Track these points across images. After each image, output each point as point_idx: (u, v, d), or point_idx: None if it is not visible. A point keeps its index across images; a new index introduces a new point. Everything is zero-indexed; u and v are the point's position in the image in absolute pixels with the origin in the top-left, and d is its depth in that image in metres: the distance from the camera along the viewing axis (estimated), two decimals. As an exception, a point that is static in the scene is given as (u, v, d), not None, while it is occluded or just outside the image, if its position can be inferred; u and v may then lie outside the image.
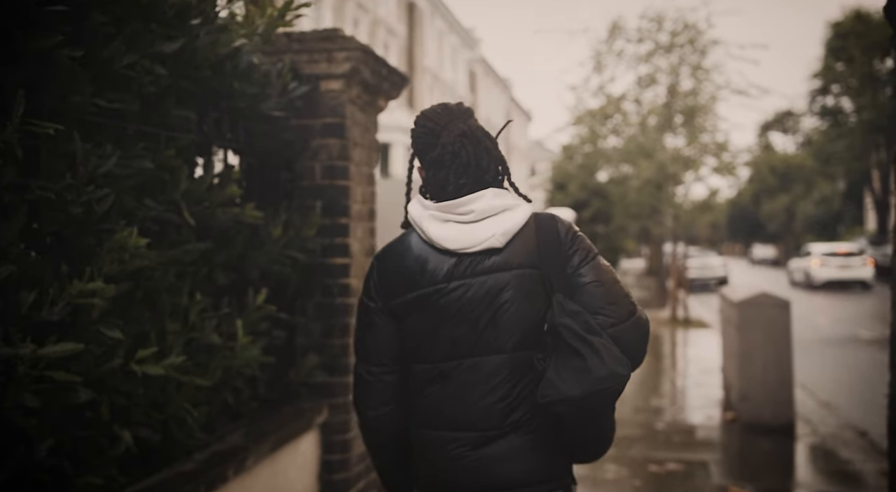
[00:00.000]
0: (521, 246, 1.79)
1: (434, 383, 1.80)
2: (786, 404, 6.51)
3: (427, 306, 1.79)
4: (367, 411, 1.88)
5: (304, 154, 3.54)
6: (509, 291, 1.77)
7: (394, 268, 1.85)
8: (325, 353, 3.50)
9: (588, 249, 1.82)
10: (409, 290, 1.80)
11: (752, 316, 6.58)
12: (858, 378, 9.68)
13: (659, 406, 7.44)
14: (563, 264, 1.80)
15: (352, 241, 3.59)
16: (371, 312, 1.87)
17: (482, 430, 1.77)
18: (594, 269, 1.79)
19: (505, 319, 1.77)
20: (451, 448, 1.78)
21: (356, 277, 3.62)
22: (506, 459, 1.76)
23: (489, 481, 1.77)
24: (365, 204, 3.77)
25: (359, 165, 3.70)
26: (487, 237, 1.76)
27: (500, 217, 1.79)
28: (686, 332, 13.98)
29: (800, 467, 5.49)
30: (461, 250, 1.77)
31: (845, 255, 24.70)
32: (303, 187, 3.55)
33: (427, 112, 1.88)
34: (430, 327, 1.80)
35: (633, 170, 19.83)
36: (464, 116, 1.86)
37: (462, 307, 1.77)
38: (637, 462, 5.48)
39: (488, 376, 1.77)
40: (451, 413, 1.78)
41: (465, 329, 1.77)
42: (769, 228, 62.76)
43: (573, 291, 1.78)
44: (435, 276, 1.78)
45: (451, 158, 1.80)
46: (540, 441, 1.79)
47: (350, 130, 3.58)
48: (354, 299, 3.60)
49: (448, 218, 1.79)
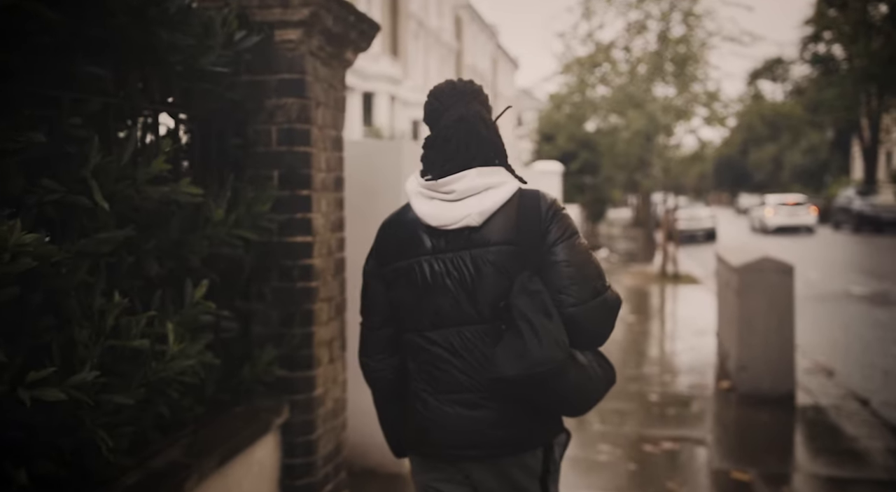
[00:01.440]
0: (501, 223, 1.88)
1: (423, 350, 1.95)
2: (786, 373, 6.18)
3: (411, 276, 1.94)
4: (368, 361, 2.10)
5: (258, 116, 3.06)
6: (487, 266, 1.87)
7: (391, 236, 2.01)
8: (286, 344, 3.07)
9: (566, 227, 1.90)
10: (398, 258, 1.96)
11: (753, 282, 6.20)
12: (854, 339, 9.39)
13: (651, 374, 7.10)
14: (540, 241, 1.88)
15: (315, 215, 3.13)
16: (367, 274, 2.09)
17: (470, 391, 1.90)
18: (567, 248, 1.87)
19: (482, 292, 1.88)
20: (443, 409, 1.92)
21: (321, 257, 3.18)
22: (493, 421, 1.89)
23: (477, 439, 1.90)
24: (330, 172, 3.31)
25: (322, 128, 3.22)
26: (464, 216, 1.87)
27: (480, 196, 1.89)
28: (676, 288, 13.66)
29: (803, 445, 5.16)
30: (442, 227, 1.90)
31: (793, 204, 29.60)
32: (257, 155, 3.07)
33: (436, 90, 2.01)
34: (414, 297, 1.94)
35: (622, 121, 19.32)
36: (468, 98, 1.97)
37: (443, 279, 1.90)
38: (631, 441, 5.14)
39: (470, 342, 1.90)
40: (441, 376, 1.93)
41: (447, 300, 1.90)
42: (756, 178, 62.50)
43: (545, 268, 1.87)
44: (420, 248, 1.93)
45: (442, 142, 1.93)
46: (521, 405, 1.90)
47: (311, 87, 3.09)
48: (319, 282, 3.16)
49: (433, 195, 1.91)
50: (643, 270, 16.95)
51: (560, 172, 15.39)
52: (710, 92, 19.69)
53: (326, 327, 3.25)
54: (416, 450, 2.04)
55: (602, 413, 5.77)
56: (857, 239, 27.64)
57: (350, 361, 4.45)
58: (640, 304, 12.12)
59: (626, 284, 14.28)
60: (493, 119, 2.03)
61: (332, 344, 3.31)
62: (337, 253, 3.38)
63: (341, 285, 3.43)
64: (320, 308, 3.18)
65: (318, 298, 3.16)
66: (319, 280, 3.17)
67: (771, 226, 29.28)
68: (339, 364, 3.41)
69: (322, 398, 3.21)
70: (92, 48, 2.12)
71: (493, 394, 1.89)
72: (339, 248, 3.41)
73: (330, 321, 3.30)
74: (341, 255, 3.44)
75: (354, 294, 4.47)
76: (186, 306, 2.38)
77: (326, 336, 3.25)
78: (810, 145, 50.95)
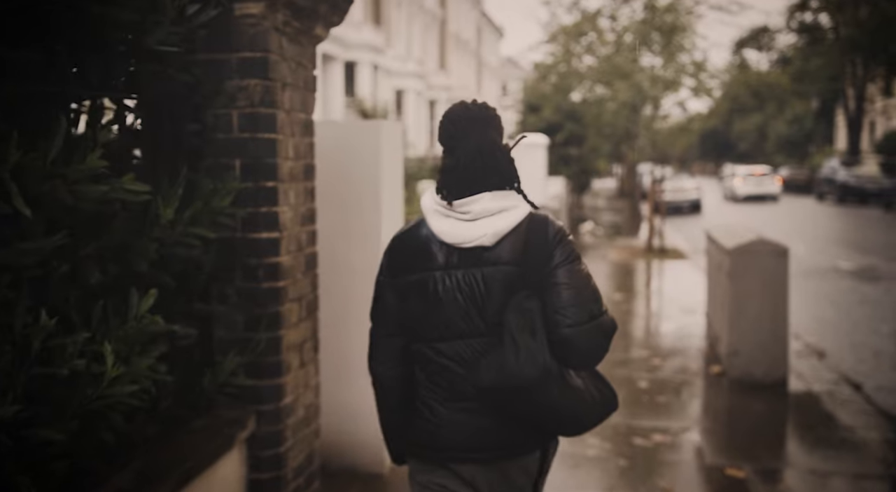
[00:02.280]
0: (510, 245, 1.97)
1: (432, 361, 2.04)
2: (779, 359, 5.99)
3: (424, 289, 2.01)
4: (377, 367, 2.16)
5: (217, 100, 2.76)
6: (495, 283, 1.96)
7: (405, 249, 2.08)
8: (251, 350, 2.81)
9: (569, 253, 1.99)
10: (412, 272, 2.04)
11: (746, 264, 5.98)
12: (844, 317, 9.25)
13: (640, 358, 6.91)
14: (545, 263, 1.96)
15: (282, 209, 2.85)
16: (381, 286, 2.14)
17: (476, 400, 1.98)
18: (568, 272, 1.96)
19: (489, 308, 1.97)
20: (451, 414, 2.02)
21: (289, 254, 2.91)
22: (494, 427, 1.99)
23: (478, 442, 2.00)
24: (299, 160, 3.02)
25: (290, 112, 2.93)
26: (479, 236, 1.96)
27: (494, 218, 1.98)
28: (662, 263, 13.48)
29: (799, 437, 4.98)
30: (456, 244, 1.99)
31: (760, 175, 32.31)
32: (216, 142, 2.78)
33: (451, 115, 2.07)
34: (425, 309, 2.02)
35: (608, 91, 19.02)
36: (484, 125, 2.05)
37: (453, 294, 1.99)
38: (620, 434, 4.94)
39: (475, 355, 1.98)
40: (445, 385, 2.02)
41: (457, 314, 1.99)
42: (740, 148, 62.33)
43: (545, 289, 1.96)
44: (433, 263, 2.01)
45: (461, 171, 2.00)
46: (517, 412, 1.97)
47: (276, 67, 2.80)
48: (287, 282, 2.90)
49: (449, 214, 2.00)
50: (629, 244, 16.76)
51: (546, 144, 15.10)
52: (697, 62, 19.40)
53: (296, 329, 2.99)
54: (419, 455, 2.11)
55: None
56: (841, 210, 27.62)
57: (328, 356, 4.21)
58: (626, 281, 11.93)
59: (612, 259, 14.09)
60: (508, 146, 2.11)
61: (303, 347, 3.06)
62: (308, 248, 3.11)
63: (313, 283, 3.17)
64: (289, 310, 2.92)
65: (287, 299, 2.89)
66: (288, 279, 2.90)
67: (740, 195, 31.63)
68: (311, 368, 3.16)
69: (292, 407, 2.96)
70: (9, 27, 1.82)
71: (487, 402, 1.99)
72: (310, 242, 3.14)
73: (300, 322, 3.04)
74: (312, 249, 3.17)
75: (331, 289, 4.22)
76: (131, 319, 2.11)
77: (297, 339, 2.99)
78: (795, 115, 50.77)
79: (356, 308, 4.21)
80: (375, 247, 4.16)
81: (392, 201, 4.33)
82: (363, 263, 4.18)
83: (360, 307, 4.25)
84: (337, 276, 4.20)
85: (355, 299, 4.21)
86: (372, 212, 4.14)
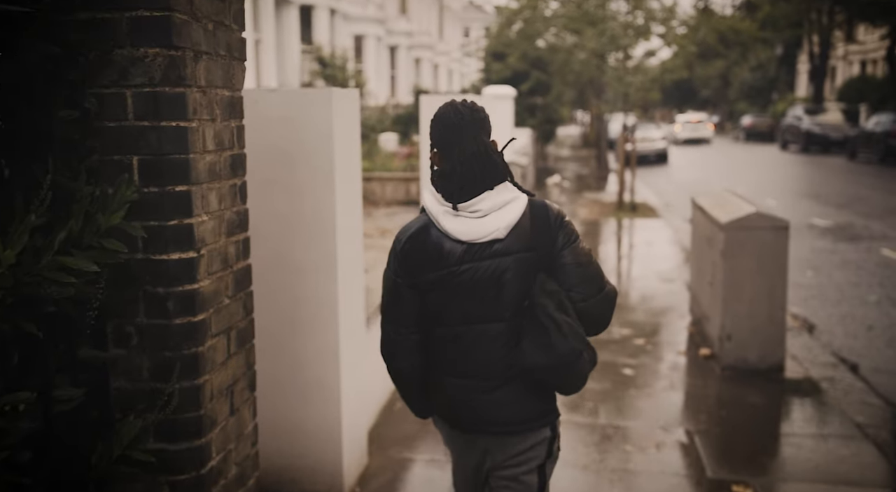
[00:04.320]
0: (519, 233, 2.14)
1: (450, 343, 2.21)
2: (776, 343, 5.49)
3: (444, 284, 2.16)
4: (397, 363, 2.29)
5: (103, 75, 2.04)
6: (509, 272, 2.14)
7: (415, 251, 2.19)
8: (162, 405, 2.15)
9: (570, 233, 2.19)
10: (430, 271, 2.17)
11: (743, 241, 5.42)
12: (827, 282, 8.82)
13: (622, 338, 6.37)
14: (551, 246, 2.16)
15: (199, 219, 2.16)
16: (399, 287, 2.22)
17: (488, 379, 2.19)
18: (573, 252, 2.17)
19: (505, 294, 2.15)
20: (465, 391, 2.21)
21: (211, 277, 2.23)
22: (506, 402, 2.20)
23: (492, 417, 2.21)
24: (223, 151, 2.32)
25: (207, 89, 2.22)
26: (493, 230, 2.12)
27: (502, 211, 2.14)
28: (635, 222, 12.95)
29: (806, 438, 4.47)
30: (472, 241, 2.13)
31: (696, 122, 38.03)
32: (104, 134, 2.07)
33: (443, 118, 2.15)
34: (446, 300, 2.18)
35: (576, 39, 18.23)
36: (475, 129, 2.15)
37: (471, 285, 2.14)
38: (611, 441, 4.39)
39: (492, 339, 2.18)
40: (464, 366, 2.21)
41: (475, 302, 2.16)
42: (703, 95, 61.88)
43: (554, 270, 2.17)
44: (449, 260, 2.15)
45: (459, 177, 2.13)
46: (531, 389, 2.21)
47: (184, 29, 2.08)
48: (208, 313, 2.22)
49: (458, 214, 2.14)
50: (598, 199, 16.21)
51: (512, 96, 14.36)
52: (667, 6, 18.67)
53: (224, 370, 2.33)
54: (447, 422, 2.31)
55: (572, 397, 5.01)
56: (805, 159, 27.39)
57: (274, 369, 3.57)
58: (599, 243, 11.39)
59: (582, 216, 13.54)
60: (497, 144, 2.20)
61: (233, 389, 2.40)
62: (238, 263, 2.43)
63: (246, 305, 2.49)
64: (213, 347, 2.25)
65: (209, 335, 2.23)
66: (210, 309, 2.23)
67: (680, 138, 36.82)
68: (245, 412, 2.50)
69: (220, 469, 2.32)
70: None
71: (509, 381, 2.18)
72: (242, 255, 2.46)
73: (230, 359, 2.38)
74: (245, 263, 2.49)
75: (277, 291, 3.55)
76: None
77: (225, 381, 2.34)
78: (759, 62, 50.34)
79: (307, 312, 3.55)
80: (328, 241, 3.49)
81: (349, 186, 3.64)
82: (314, 260, 3.52)
83: (312, 311, 3.60)
84: (283, 275, 3.52)
85: (306, 302, 3.55)
86: (324, 199, 3.46)
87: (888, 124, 24.29)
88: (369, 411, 4.50)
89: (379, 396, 4.80)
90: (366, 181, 15.24)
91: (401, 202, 14.96)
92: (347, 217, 3.63)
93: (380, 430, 4.51)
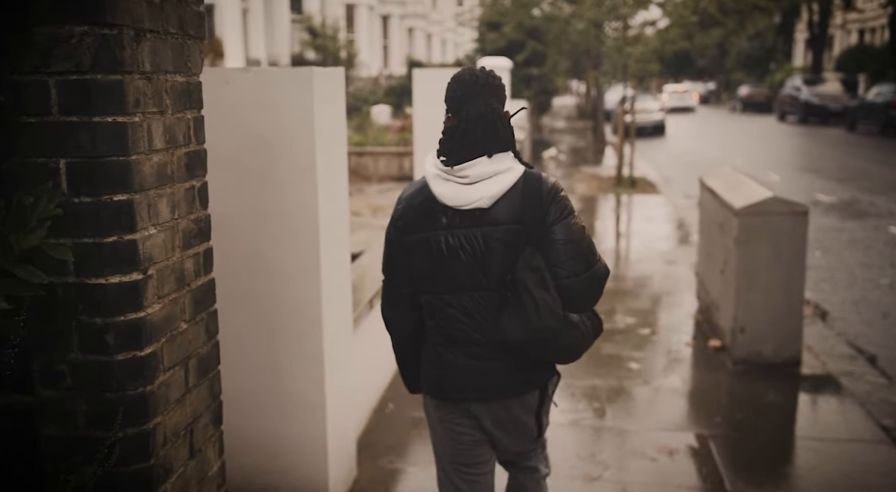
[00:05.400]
0: (507, 204, 2.15)
1: (439, 311, 2.25)
2: (792, 335, 5.16)
3: (429, 247, 2.20)
4: (391, 315, 2.38)
5: (22, 60, 1.66)
6: (495, 242, 2.16)
7: (408, 212, 2.25)
8: (102, 458, 1.79)
9: (563, 208, 2.18)
10: (418, 230, 2.22)
11: (759, 227, 5.06)
12: (836, 263, 8.50)
13: (627, 328, 6.03)
14: (541, 220, 2.16)
15: (144, 233, 1.79)
16: (391, 243, 2.31)
17: (479, 346, 2.24)
18: (564, 227, 2.17)
19: (491, 264, 2.17)
20: (456, 358, 2.26)
21: (162, 301, 1.86)
22: (497, 370, 2.25)
23: (482, 384, 2.26)
24: (175, 149, 1.94)
25: (153, 76, 1.83)
26: (476, 199, 2.13)
27: (491, 181, 2.14)
28: (634, 199, 12.58)
29: (828, 443, 4.15)
30: (457, 207, 2.16)
31: (682, 92, 41.09)
32: (23, 131, 1.69)
33: (459, 79, 2.21)
34: (432, 265, 2.22)
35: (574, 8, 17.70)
36: (488, 93, 2.18)
37: (457, 252, 2.18)
38: (620, 447, 4.06)
39: (479, 307, 2.21)
40: (454, 333, 2.25)
41: (461, 270, 2.19)
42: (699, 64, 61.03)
43: (545, 244, 2.17)
44: (437, 223, 2.19)
45: (461, 134, 2.15)
46: (521, 357, 2.24)
47: (122, 2, 1.69)
48: (159, 344, 1.86)
49: (449, 178, 2.16)
50: (595, 174, 15.81)
51: (508, 68, 13.89)
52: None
53: (180, 408, 1.97)
54: (433, 394, 2.37)
55: (577, 396, 4.69)
56: (804, 131, 27.00)
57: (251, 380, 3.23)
58: (597, 221, 11.03)
59: (580, 192, 13.16)
60: (508, 114, 2.21)
61: (194, 428, 2.05)
62: (198, 279, 2.06)
63: (208, 328, 2.13)
64: (166, 383, 1.89)
65: (161, 369, 1.87)
66: (161, 338, 1.86)
67: (666, 107, 37.18)
68: (210, 451, 2.15)
69: (177, 525, 1.97)
70: None
71: (498, 349, 2.22)
72: (203, 269, 2.09)
73: (189, 394, 2.02)
74: (207, 278, 2.12)
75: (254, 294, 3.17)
76: None
77: (182, 420, 1.98)
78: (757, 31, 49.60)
79: (288, 317, 3.20)
80: (311, 238, 3.12)
81: (334, 177, 3.26)
82: (295, 260, 3.15)
83: (294, 315, 3.23)
84: (260, 277, 3.16)
85: (286, 306, 3.19)
86: (306, 193, 3.08)
87: (889, 95, 23.87)
88: (359, 417, 4.16)
89: (369, 398, 4.46)
90: (358, 156, 14.80)
91: (394, 178, 14.54)
92: (332, 211, 3.25)
93: (371, 436, 4.18)
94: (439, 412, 2.40)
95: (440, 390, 2.33)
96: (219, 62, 19.29)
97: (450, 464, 2.46)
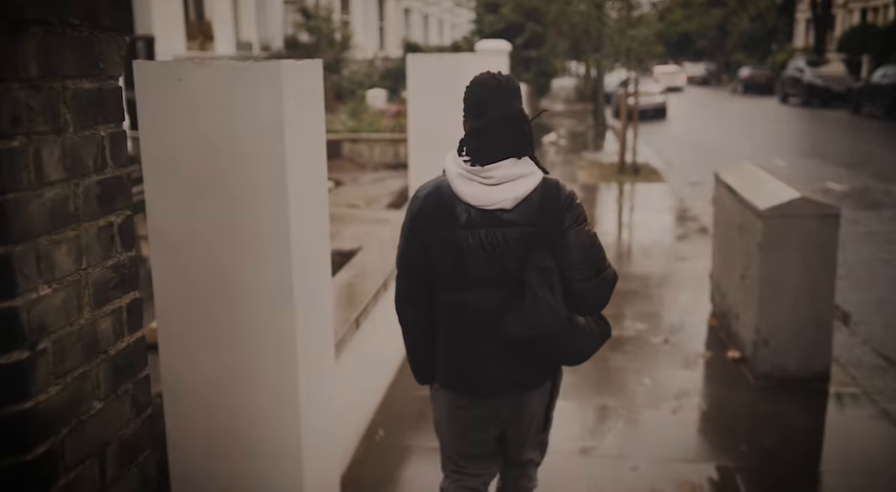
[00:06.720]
0: (527, 208, 2.24)
1: (456, 307, 2.33)
2: (821, 348, 4.72)
3: (448, 245, 2.27)
4: (404, 309, 2.47)
5: None
6: (514, 242, 2.24)
7: (427, 210, 2.30)
8: None
9: (577, 216, 2.28)
10: (437, 229, 2.28)
11: (786, 231, 4.61)
12: (854, 258, 8.05)
13: (637, 336, 5.59)
14: (557, 225, 2.25)
15: (32, 296, 1.33)
16: (408, 240, 2.37)
17: (495, 343, 2.30)
18: (577, 234, 2.26)
19: (509, 263, 2.25)
20: (477, 355, 2.34)
21: (61, 382, 1.40)
22: (516, 365, 2.34)
23: (505, 379, 2.36)
24: (83, 178, 1.47)
25: (41, 84, 1.36)
26: (500, 200, 2.21)
27: (514, 183, 2.22)
28: (638, 188, 12.11)
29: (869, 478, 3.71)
30: (480, 206, 2.23)
31: (671, 73, 42.12)
32: None
33: (480, 82, 2.27)
34: (451, 263, 2.29)
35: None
36: (511, 96, 2.26)
37: (475, 250, 2.25)
38: (638, 479, 3.63)
39: (496, 304, 2.27)
40: (471, 328, 2.33)
41: (479, 268, 2.26)
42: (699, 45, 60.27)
43: (558, 248, 2.26)
44: (457, 221, 2.25)
45: (490, 136, 2.22)
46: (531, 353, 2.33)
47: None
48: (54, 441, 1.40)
49: (473, 179, 2.23)
50: (597, 160, 15.32)
51: (507, 51, 13.36)
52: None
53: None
54: (454, 389, 2.44)
55: (586, 418, 4.25)
56: (808, 113, 26.46)
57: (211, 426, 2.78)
58: (600, 213, 10.56)
59: (582, 180, 12.69)
60: (529, 116, 2.29)
61: (115, 532, 1.59)
62: (119, 342, 1.60)
63: (136, 400, 1.67)
64: (68, 487, 1.44)
65: (62, 469, 1.41)
66: (62, 430, 1.41)
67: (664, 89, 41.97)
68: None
69: None
70: None
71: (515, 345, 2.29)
72: (126, 327, 1.63)
73: (108, 489, 1.57)
74: (133, 338, 1.65)
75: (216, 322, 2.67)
76: None
77: (98, 526, 1.53)
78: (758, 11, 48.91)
79: (256, 353, 2.74)
80: (282, 262, 2.66)
81: (310, 188, 2.78)
82: (262, 287, 2.68)
83: (263, 351, 2.75)
84: (221, 306, 2.69)
85: (254, 340, 2.73)
86: (276, 208, 2.61)
87: (895, 76, 23.33)
88: (344, 451, 3.72)
89: (356, 425, 4.02)
90: (353, 143, 14.33)
91: (389, 165, 14.05)
92: (307, 227, 2.78)
93: (358, 471, 3.74)
94: (454, 404, 2.47)
95: (463, 386, 2.41)
96: (209, 46, 18.72)
97: (456, 453, 2.57)
